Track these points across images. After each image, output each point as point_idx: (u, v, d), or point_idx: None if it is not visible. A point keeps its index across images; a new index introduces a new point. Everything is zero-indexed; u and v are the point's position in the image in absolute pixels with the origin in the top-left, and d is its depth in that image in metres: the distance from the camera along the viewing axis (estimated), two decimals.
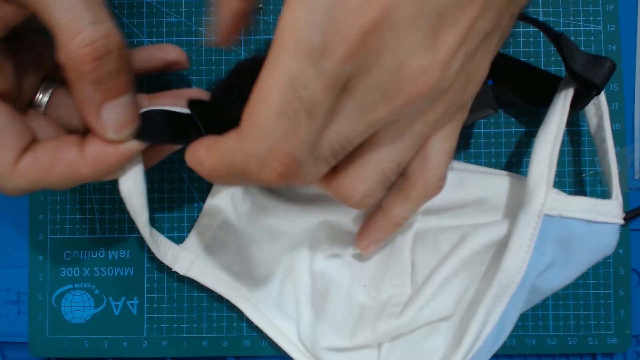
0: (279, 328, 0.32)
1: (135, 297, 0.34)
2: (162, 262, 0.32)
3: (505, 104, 0.33)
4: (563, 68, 0.28)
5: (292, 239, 0.32)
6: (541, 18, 0.33)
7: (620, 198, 0.27)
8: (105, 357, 0.34)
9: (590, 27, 0.33)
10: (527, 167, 0.27)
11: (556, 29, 0.28)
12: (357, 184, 0.23)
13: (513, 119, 0.33)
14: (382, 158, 0.22)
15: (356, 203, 0.23)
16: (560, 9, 0.33)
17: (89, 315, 0.34)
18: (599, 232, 0.27)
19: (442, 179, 0.24)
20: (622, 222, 0.27)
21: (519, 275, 0.26)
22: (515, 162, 0.33)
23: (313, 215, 0.31)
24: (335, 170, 0.23)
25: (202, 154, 0.22)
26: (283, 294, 0.32)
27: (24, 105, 0.26)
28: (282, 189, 0.32)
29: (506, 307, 0.27)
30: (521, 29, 0.34)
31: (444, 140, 0.23)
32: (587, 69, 0.27)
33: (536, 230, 0.26)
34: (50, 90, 0.27)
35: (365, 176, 0.23)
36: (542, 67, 0.33)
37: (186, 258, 0.31)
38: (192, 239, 0.32)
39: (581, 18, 0.33)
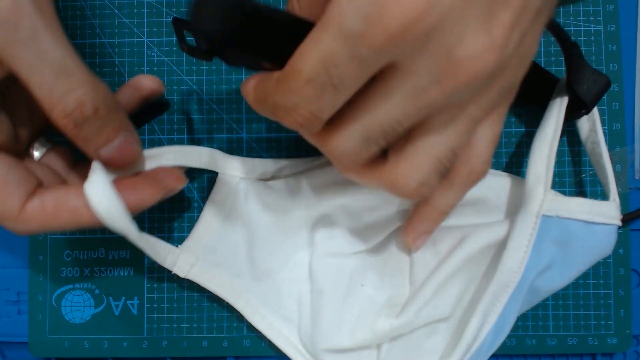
0: (279, 330, 0.32)
1: (135, 297, 0.34)
2: None
3: None
4: (563, 68, 0.28)
5: (292, 239, 0.32)
6: None
7: (617, 199, 0.27)
8: (105, 357, 0.34)
9: (590, 27, 0.33)
10: (527, 167, 0.27)
11: None
12: (411, 172, 0.22)
13: (513, 119, 0.33)
14: (436, 144, 0.22)
15: (411, 192, 0.23)
16: (561, 9, 0.33)
17: (89, 315, 0.34)
18: (597, 232, 0.27)
19: (488, 164, 0.24)
20: (619, 223, 0.27)
21: (517, 275, 0.27)
22: (516, 162, 0.33)
23: (314, 211, 0.31)
24: (386, 161, 0.23)
25: (250, 87, 0.23)
26: (283, 295, 0.32)
27: (21, 154, 0.27)
28: (284, 184, 0.32)
29: (504, 308, 0.27)
30: None
31: (491, 125, 0.23)
32: (583, 87, 0.27)
33: (534, 231, 0.26)
34: (45, 150, 0.28)
35: (419, 163, 0.22)
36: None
37: (186, 261, 0.31)
38: (192, 240, 0.31)
39: (581, 18, 0.33)
